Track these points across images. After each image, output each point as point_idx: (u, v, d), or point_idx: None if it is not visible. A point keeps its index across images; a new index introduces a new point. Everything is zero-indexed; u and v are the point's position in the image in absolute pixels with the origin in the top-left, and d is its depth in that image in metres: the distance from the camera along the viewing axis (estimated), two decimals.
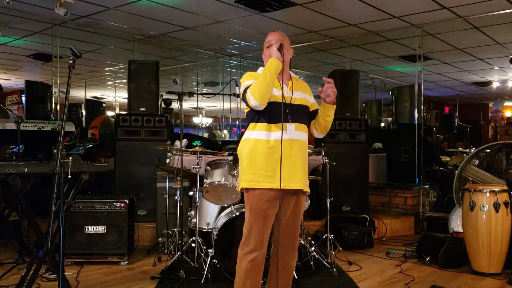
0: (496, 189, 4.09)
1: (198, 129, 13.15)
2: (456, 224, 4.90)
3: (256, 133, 2.57)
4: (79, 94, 11.76)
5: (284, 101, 2.52)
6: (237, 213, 3.63)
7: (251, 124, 2.60)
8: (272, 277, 2.66)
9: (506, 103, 14.27)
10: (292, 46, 2.75)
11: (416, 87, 6.70)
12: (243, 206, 3.57)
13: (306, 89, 2.74)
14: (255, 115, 2.58)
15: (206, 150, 4.29)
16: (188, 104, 14.42)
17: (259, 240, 2.52)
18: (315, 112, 2.72)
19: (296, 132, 2.57)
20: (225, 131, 12.92)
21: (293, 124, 2.56)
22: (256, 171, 2.51)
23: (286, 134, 2.52)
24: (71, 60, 2.68)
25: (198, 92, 10.43)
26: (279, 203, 2.54)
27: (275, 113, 2.50)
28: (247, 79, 2.59)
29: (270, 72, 2.46)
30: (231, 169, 3.86)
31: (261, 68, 2.61)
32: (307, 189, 2.63)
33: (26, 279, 2.96)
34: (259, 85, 2.46)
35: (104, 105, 10.89)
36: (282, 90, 2.54)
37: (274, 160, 2.49)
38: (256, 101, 2.45)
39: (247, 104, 2.51)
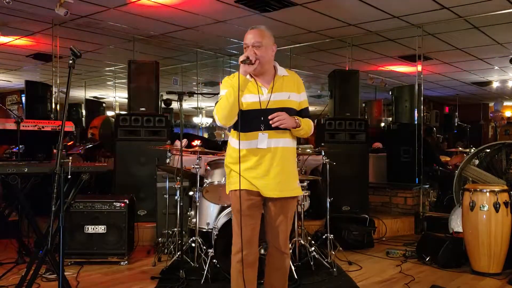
0: (496, 189, 4.09)
1: (198, 129, 13.14)
2: (456, 224, 4.90)
3: (232, 140, 2.60)
4: (79, 94, 11.76)
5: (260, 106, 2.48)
6: None
7: (232, 131, 2.61)
8: (268, 279, 2.69)
9: (506, 103, 14.27)
10: (292, 46, 2.73)
11: (416, 87, 6.70)
12: None
13: (293, 87, 2.59)
14: None
15: (206, 150, 4.29)
16: (188, 104, 14.43)
17: (245, 240, 2.52)
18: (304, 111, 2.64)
19: (271, 140, 2.49)
20: (226, 131, 12.91)
21: (266, 133, 2.48)
22: (235, 176, 2.54)
23: (257, 144, 2.48)
24: (71, 60, 2.67)
25: (198, 92, 10.43)
26: (262, 207, 2.58)
27: (246, 121, 2.47)
28: (222, 88, 2.55)
29: (234, 89, 2.37)
30: None
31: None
32: (291, 194, 2.56)
33: (26, 279, 2.96)
34: (222, 107, 2.42)
35: (104, 105, 10.89)
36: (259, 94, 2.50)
37: (249, 168, 2.49)
38: (220, 122, 2.46)
39: None
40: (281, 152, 2.52)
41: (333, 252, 4.34)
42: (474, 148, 5.57)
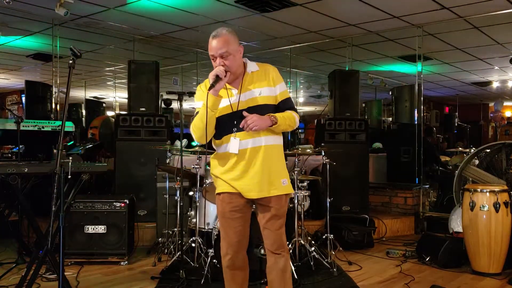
0: (496, 189, 4.09)
1: None
2: (456, 224, 4.90)
3: (213, 145, 2.59)
4: (79, 94, 11.76)
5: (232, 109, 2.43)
6: None
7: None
8: (268, 281, 2.59)
9: (506, 103, 14.27)
10: (292, 46, 2.69)
11: (416, 87, 6.70)
12: None
13: (264, 81, 2.45)
14: None
15: (206, 150, 4.29)
16: (188, 104, 14.39)
17: (229, 244, 2.49)
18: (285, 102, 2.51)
19: (244, 142, 2.40)
20: None
21: (238, 137, 2.40)
22: (216, 180, 2.53)
23: (230, 148, 2.41)
24: (71, 60, 2.68)
25: None
26: (249, 208, 2.53)
27: (219, 127, 2.43)
28: (196, 99, 2.51)
29: (208, 110, 2.32)
30: None
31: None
32: (277, 192, 2.46)
33: (26, 279, 2.96)
34: (197, 127, 2.40)
35: (104, 105, 10.89)
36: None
37: (227, 170, 2.45)
38: (197, 141, 2.48)
39: None
40: (259, 151, 2.42)
41: (333, 252, 4.35)
42: (474, 148, 5.57)
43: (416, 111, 6.65)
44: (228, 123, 2.43)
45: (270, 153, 2.46)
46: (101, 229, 4.27)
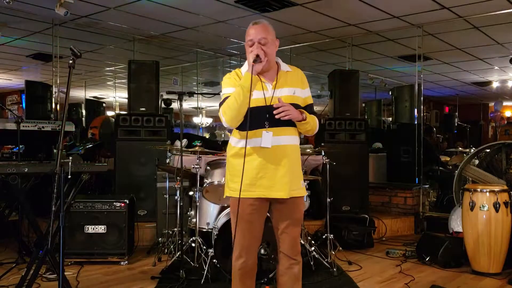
0: (496, 189, 4.09)
1: (198, 129, 13.15)
2: (456, 224, 4.90)
3: (234, 139, 2.49)
4: (79, 94, 11.76)
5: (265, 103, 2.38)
6: None
7: (233, 130, 2.49)
8: (281, 286, 2.56)
9: (506, 103, 14.27)
10: (292, 46, 2.68)
11: (416, 87, 6.70)
12: None
13: (297, 82, 2.50)
14: None
15: (206, 150, 4.29)
16: (188, 104, 14.41)
17: (243, 247, 2.44)
18: (309, 107, 2.53)
19: (275, 138, 2.38)
20: (226, 131, 12.92)
21: (270, 131, 2.37)
22: (236, 179, 2.38)
23: (261, 142, 2.36)
24: (71, 60, 2.67)
25: (198, 92, 10.43)
26: (266, 210, 2.47)
27: (251, 119, 2.33)
28: (225, 86, 2.46)
29: (244, 90, 2.27)
30: None
31: (246, 66, 2.44)
32: (297, 194, 2.45)
33: (26, 279, 2.96)
34: (230, 107, 2.32)
35: (104, 105, 10.89)
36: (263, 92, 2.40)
37: (253, 168, 2.36)
38: (227, 123, 2.36)
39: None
40: (287, 150, 2.42)
41: (333, 252, 4.35)
42: (474, 148, 5.57)
43: (416, 111, 6.65)
44: (259, 116, 2.37)
45: (293, 153, 2.47)
46: (101, 229, 4.27)
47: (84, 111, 10.46)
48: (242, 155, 2.34)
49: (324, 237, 4.47)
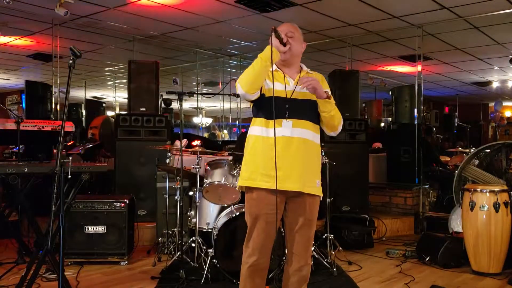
0: (496, 189, 4.09)
1: (198, 129, 13.15)
2: (456, 224, 4.90)
3: (254, 128, 2.48)
4: (79, 94, 11.77)
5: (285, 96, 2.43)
6: (237, 213, 3.63)
7: (252, 119, 2.51)
8: (287, 286, 2.54)
9: (506, 103, 14.27)
10: None
11: (416, 87, 6.70)
12: (243, 206, 3.57)
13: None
14: (254, 110, 2.51)
15: (206, 150, 4.29)
16: (188, 104, 14.43)
17: (257, 245, 2.41)
18: None
19: (294, 129, 2.40)
20: (225, 131, 12.92)
21: (290, 121, 2.40)
22: (253, 169, 2.42)
23: (281, 131, 2.38)
24: (71, 60, 2.67)
25: (198, 92, 10.43)
26: (282, 208, 2.43)
27: (274, 107, 2.34)
28: None
29: (262, 59, 2.32)
30: (231, 169, 3.87)
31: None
32: (312, 191, 2.42)
33: (26, 279, 2.96)
34: (247, 72, 2.35)
35: (104, 105, 10.89)
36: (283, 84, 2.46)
37: (270, 158, 2.32)
38: (242, 88, 2.33)
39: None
40: (304, 144, 2.42)
41: (333, 252, 4.35)
42: (474, 148, 5.57)
43: (416, 111, 6.65)
44: (280, 106, 2.40)
45: (311, 148, 2.47)
46: (101, 229, 4.27)
47: (84, 111, 10.47)
48: (261, 144, 2.40)
49: (324, 237, 4.46)
